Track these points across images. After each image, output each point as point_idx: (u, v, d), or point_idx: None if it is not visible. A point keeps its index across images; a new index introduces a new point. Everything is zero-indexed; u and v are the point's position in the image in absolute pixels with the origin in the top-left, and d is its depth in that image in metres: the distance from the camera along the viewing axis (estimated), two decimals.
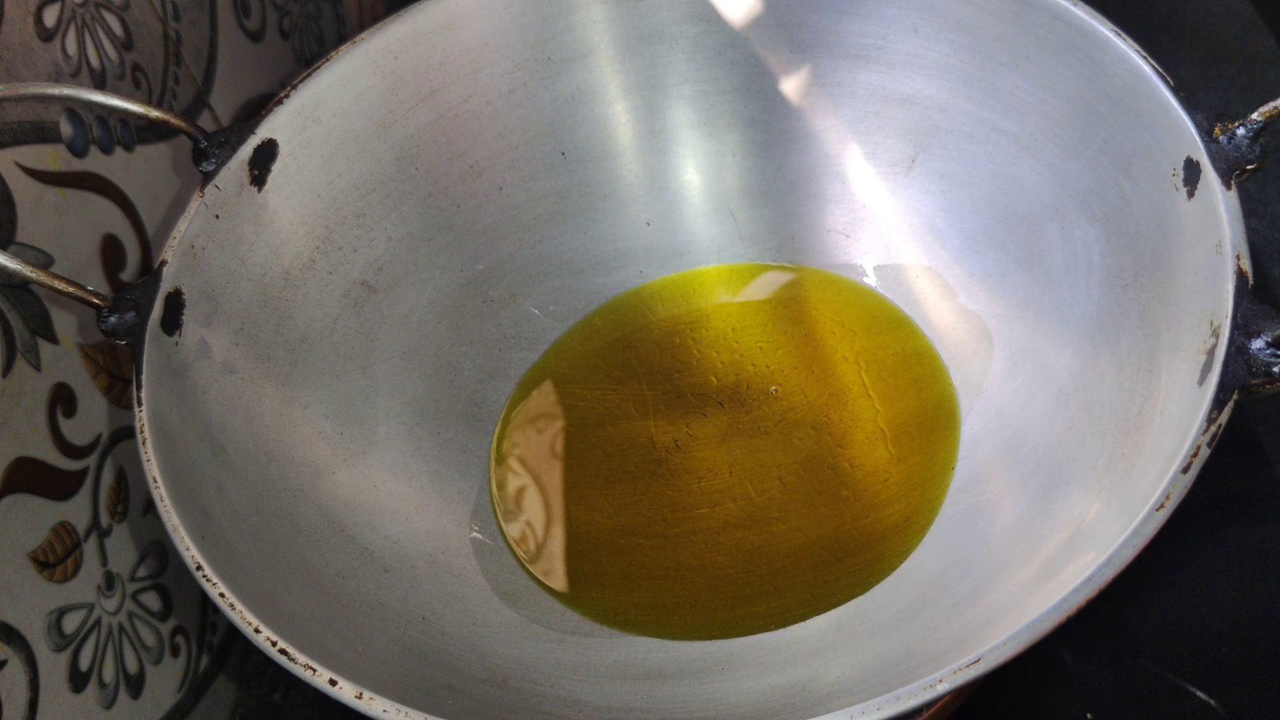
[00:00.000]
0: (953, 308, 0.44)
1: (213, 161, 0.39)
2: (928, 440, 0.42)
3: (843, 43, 0.44)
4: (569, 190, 0.48)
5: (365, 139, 0.44)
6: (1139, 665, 0.40)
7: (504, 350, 0.47)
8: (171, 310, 0.36)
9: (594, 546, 0.42)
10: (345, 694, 0.28)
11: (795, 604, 0.38)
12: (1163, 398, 0.31)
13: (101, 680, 0.37)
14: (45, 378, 0.36)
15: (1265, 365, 0.28)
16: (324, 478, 0.40)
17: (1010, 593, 0.31)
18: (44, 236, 0.36)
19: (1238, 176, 0.31)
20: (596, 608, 0.40)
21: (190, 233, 0.38)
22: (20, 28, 0.36)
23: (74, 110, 0.38)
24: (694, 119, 0.48)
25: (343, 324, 0.43)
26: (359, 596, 0.36)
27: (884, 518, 0.40)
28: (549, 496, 0.43)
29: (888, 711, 0.25)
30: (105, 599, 0.37)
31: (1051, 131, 0.39)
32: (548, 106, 0.47)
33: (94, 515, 0.37)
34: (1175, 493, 0.27)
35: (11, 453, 0.34)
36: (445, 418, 0.45)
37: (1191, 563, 0.42)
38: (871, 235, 0.47)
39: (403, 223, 0.45)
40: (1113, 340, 0.36)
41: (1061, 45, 0.38)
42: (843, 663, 0.35)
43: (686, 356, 0.47)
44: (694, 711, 0.35)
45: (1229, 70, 0.59)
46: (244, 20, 0.51)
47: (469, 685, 0.34)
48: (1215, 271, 0.30)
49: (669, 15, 0.46)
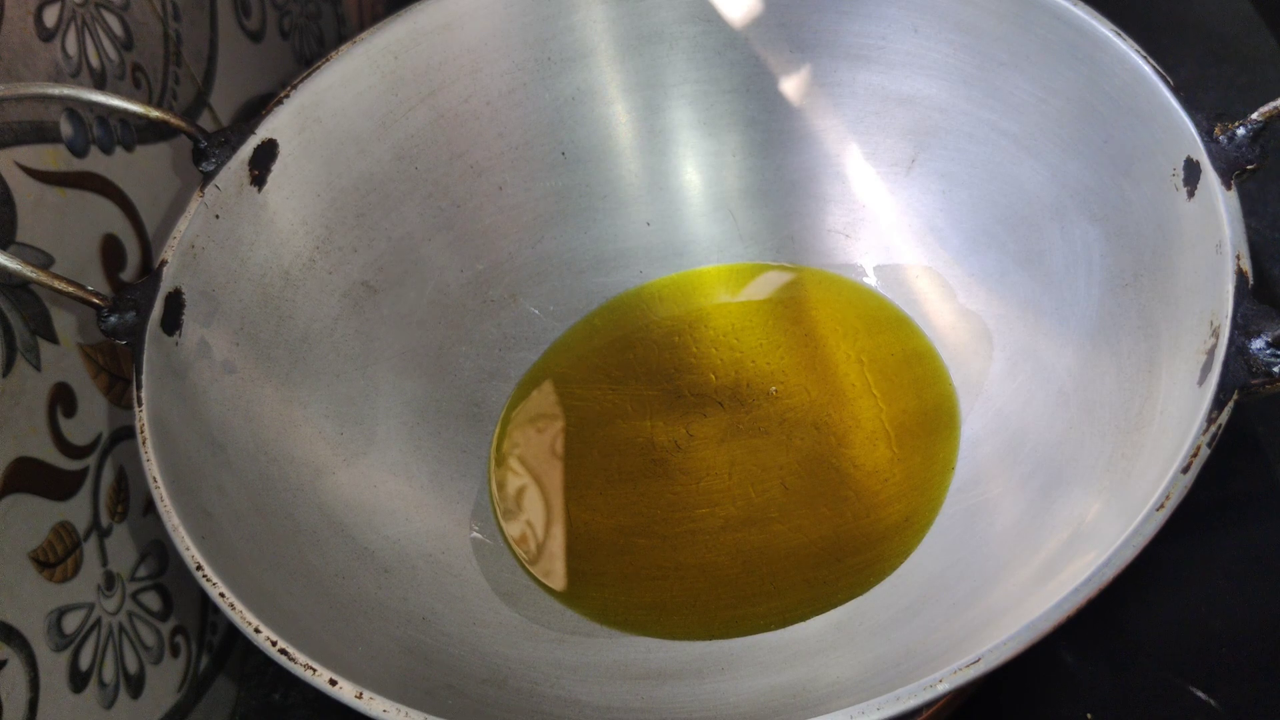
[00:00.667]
0: (953, 308, 0.44)
1: (213, 161, 0.39)
2: (928, 440, 0.42)
3: (843, 43, 0.44)
4: (569, 190, 0.48)
5: (365, 139, 0.44)
6: (1139, 665, 0.40)
7: (504, 350, 0.47)
8: (171, 310, 0.36)
9: (594, 546, 0.42)
10: (345, 694, 0.28)
11: (795, 604, 0.38)
12: (1163, 398, 0.31)
13: (101, 680, 0.37)
14: (45, 377, 0.36)
15: (1265, 365, 0.28)
16: (324, 478, 0.40)
17: (1010, 593, 0.32)
18: (44, 236, 0.36)
19: (1238, 176, 0.31)
20: (596, 608, 0.40)
21: (190, 233, 0.38)
22: (20, 27, 0.36)
23: (74, 110, 0.38)
24: (694, 119, 0.48)
25: (343, 324, 0.43)
26: (359, 596, 0.36)
27: (884, 518, 0.40)
28: (549, 496, 0.43)
29: (888, 711, 0.25)
30: (105, 599, 0.37)
31: (1051, 131, 0.40)
32: (548, 106, 0.47)
33: (94, 515, 0.37)
34: (1175, 493, 0.27)
35: (11, 452, 0.34)
36: (445, 418, 0.45)
37: (1191, 563, 0.42)
38: (871, 235, 0.47)
39: (403, 223, 0.45)
40: (1113, 340, 0.36)
41: (1061, 45, 0.38)
42: (843, 663, 0.35)
43: (687, 356, 0.47)
44: (694, 711, 0.35)
45: (1229, 70, 0.59)
46: (244, 20, 0.51)
47: (469, 685, 0.34)
48: (1215, 271, 0.30)
49: (669, 15, 0.46)
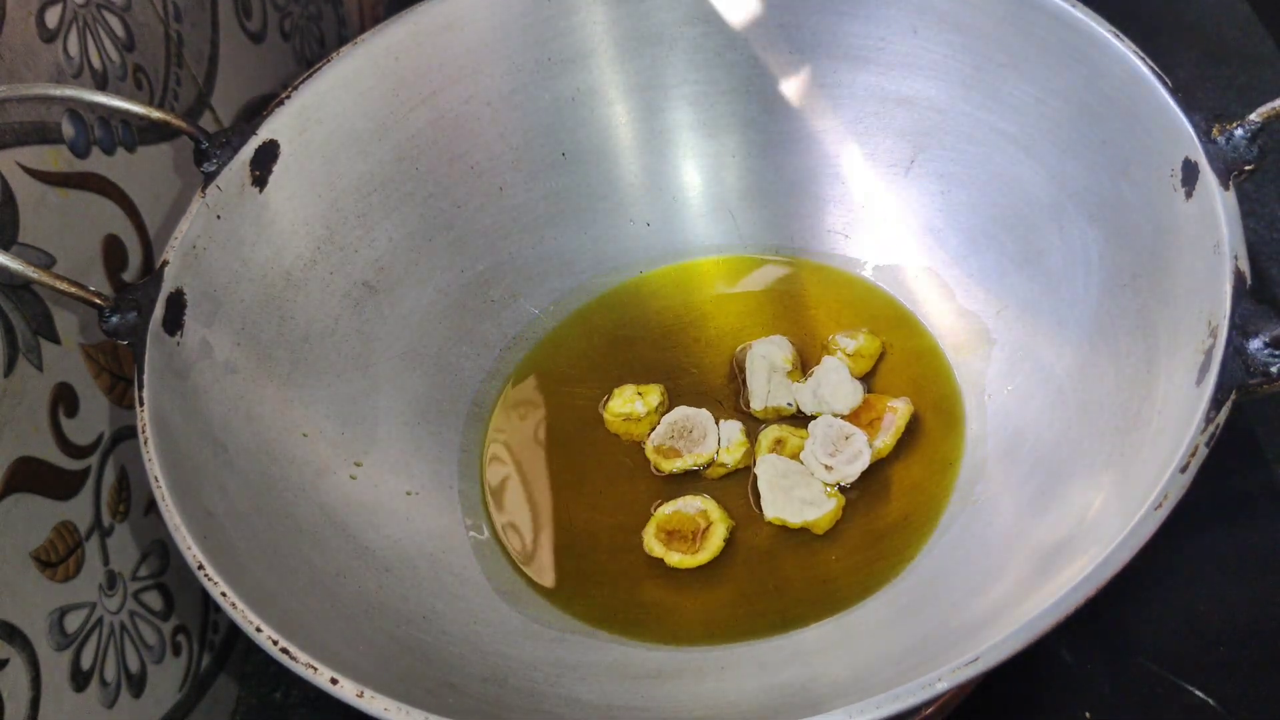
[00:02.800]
0: (952, 308, 0.44)
1: (214, 162, 0.39)
2: (928, 439, 0.42)
3: (842, 44, 0.44)
4: (569, 191, 0.48)
5: (366, 140, 0.44)
6: (1137, 664, 0.40)
7: (504, 350, 0.47)
8: (173, 310, 0.36)
9: (594, 546, 0.42)
10: (346, 692, 0.28)
11: (795, 604, 0.39)
12: (1161, 398, 0.31)
13: (103, 679, 0.37)
14: (47, 378, 0.36)
15: (1263, 365, 0.28)
16: (325, 477, 0.40)
17: (1009, 592, 0.32)
18: (46, 237, 0.36)
19: (1236, 177, 0.31)
20: (596, 607, 0.40)
21: (192, 233, 0.38)
22: (22, 29, 0.36)
23: (76, 111, 0.38)
24: (694, 120, 0.48)
25: (344, 324, 0.43)
26: (360, 595, 0.36)
27: (884, 517, 0.40)
28: (548, 496, 0.43)
29: (887, 710, 0.25)
30: (107, 598, 0.37)
31: (1050, 132, 0.40)
32: (548, 107, 0.47)
33: (96, 515, 0.38)
34: (1173, 492, 0.27)
35: (14, 452, 0.34)
36: (445, 417, 0.45)
37: (1189, 562, 0.42)
38: (870, 236, 0.47)
39: (404, 223, 0.45)
40: (1111, 340, 0.36)
41: (1060, 46, 0.38)
42: (842, 662, 0.35)
43: (685, 356, 0.47)
44: (694, 711, 0.35)
45: (1227, 71, 0.59)
46: (245, 21, 0.51)
47: (469, 684, 0.34)
48: (1213, 272, 0.30)
49: (669, 16, 0.46)
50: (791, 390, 0.43)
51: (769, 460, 0.41)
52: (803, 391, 0.43)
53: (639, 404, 0.44)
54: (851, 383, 0.43)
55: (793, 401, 0.43)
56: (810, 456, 0.41)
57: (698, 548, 0.40)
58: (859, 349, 0.44)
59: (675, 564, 0.40)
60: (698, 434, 0.43)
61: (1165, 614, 0.41)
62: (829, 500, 0.40)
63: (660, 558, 0.40)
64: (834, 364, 0.43)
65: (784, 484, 0.40)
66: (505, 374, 0.47)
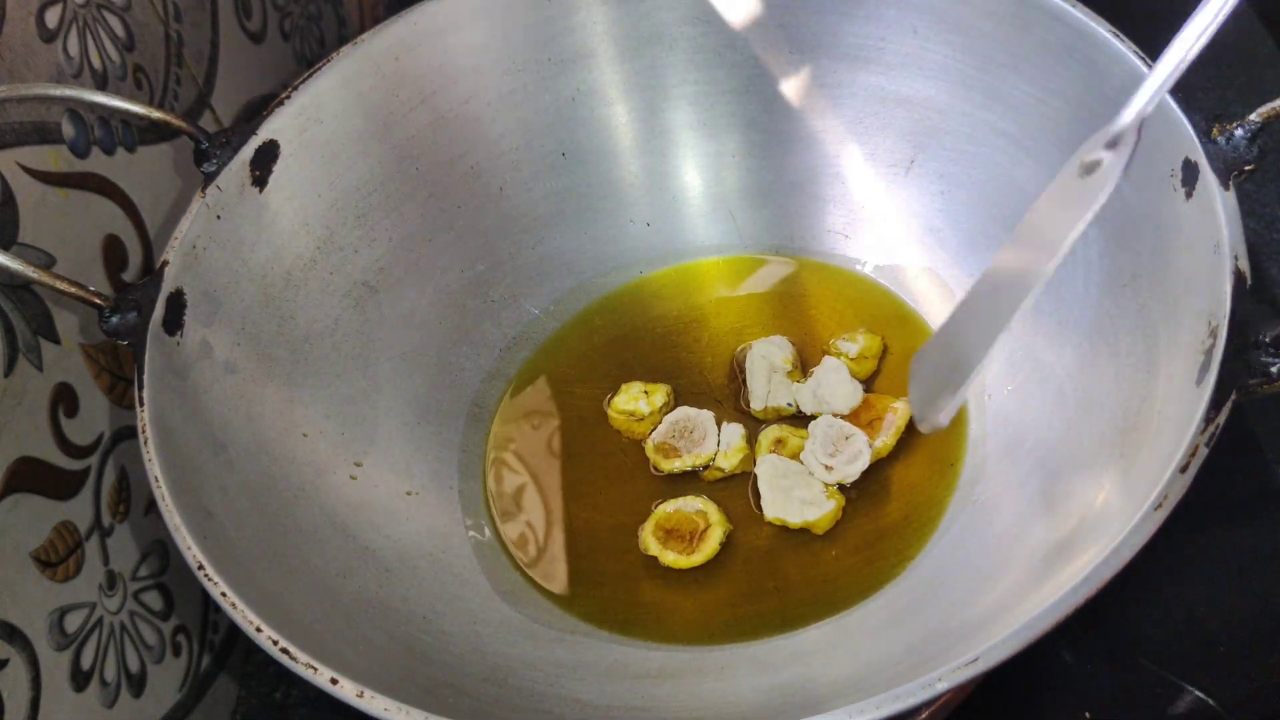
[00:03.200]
0: (951, 308, 0.44)
1: (214, 162, 0.39)
2: (928, 440, 0.42)
3: (842, 44, 0.44)
4: (569, 191, 0.48)
5: (366, 140, 0.44)
6: (1137, 664, 0.40)
7: (504, 351, 0.47)
8: (173, 310, 0.36)
9: (594, 546, 0.42)
10: (346, 692, 0.28)
11: (795, 604, 0.39)
12: (1161, 397, 0.32)
13: (103, 679, 0.37)
14: (47, 378, 0.36)
15: (1263, 365, 0.28)
16: (325, 477, 0.40)
17: (1009, 592, 0.32)
18: (46, 237, 0.36)
19: (1236, 177, 0.31)
20: (597, 607, 0.40)
21: (192, 233, 0.38)
22: (22, 29, 0.36)
23: (76, 111, 0.38)
24: (694, 120, 0.48)
25: (344, 324, 0.43)
26: (360, 596, 0.36)
27: (884, 517, 0.40)
28: (548, 496, 0.44)
29: (887, 710, 0.26)
30: (107, 598, 0.37)
31: (1050, 132, 0.40)
32: (548, 108, 0.47)
33: (96, 515, 0.38)
34: (1173, 492, 0.27)
35: (14, 452, 0.34)
36: (445, 418, 0.45)
37: (1190, 562, 0.42)
38: (871, 236, 0.47)
39: (404, 223, 0.45)
40: (1111, 340, 0.36)
41: (1059, 46, 0.38)
42: (843, 662, 0.35)
43: (686, 355, 0.47)
44: (694, 711, 0.35)
45: (1227, 71, 0.59)
46: (245, 21, 0.51)
47: (470, 683, 0.34)
48: (1213, 272, 0.30)
49: (669, 17, 0.46)
50: (791, 390, 0.43)
51: (769, 460, 0.41)
52: (803, 392, 0.43)
53: (643, 403, 0.44)
54: (851, 383, 0.43)
55: (793, 401, 0.43)
56: (810, 457, 0.41)
57: (694, 549, 0.40)
58: (861, 351, 0.44)
59: (669, 563, 0.40)
60: (698, 435, 0.43)
61: (1165, 614, 0.41)
62: (829, 500, 0.40)
63: (655, 556, 0.40)
64: (834, 364, 0.43)
65: (784, 484, 0.40)
66: (505, 374, 0.47)
